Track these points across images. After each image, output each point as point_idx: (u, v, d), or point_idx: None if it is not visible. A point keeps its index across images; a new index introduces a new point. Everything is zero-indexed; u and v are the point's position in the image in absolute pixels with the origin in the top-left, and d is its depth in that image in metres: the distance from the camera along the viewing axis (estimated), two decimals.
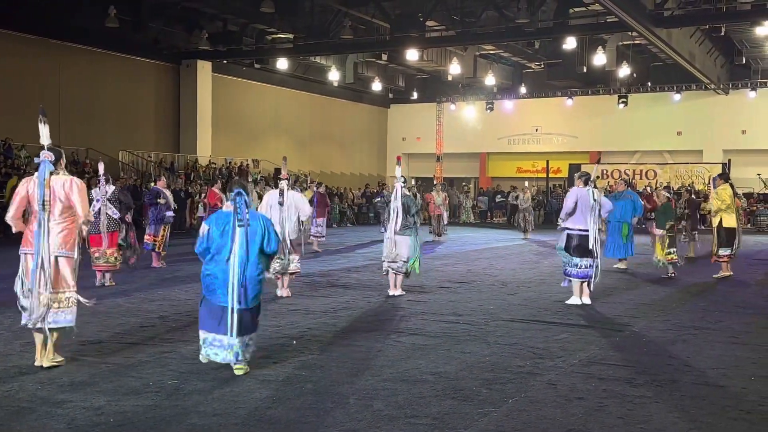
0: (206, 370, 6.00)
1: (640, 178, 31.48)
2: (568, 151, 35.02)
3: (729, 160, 29.89)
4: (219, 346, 5.91)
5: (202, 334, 6.02)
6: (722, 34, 25.17)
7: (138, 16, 23.91)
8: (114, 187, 11.02)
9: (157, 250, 13.09)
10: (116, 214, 10.77)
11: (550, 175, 33.65)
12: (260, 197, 12.25)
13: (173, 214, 13.70)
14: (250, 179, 19.77)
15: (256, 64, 29.68)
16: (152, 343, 7.03)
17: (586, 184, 9.53)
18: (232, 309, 5.84)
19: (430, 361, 6.45)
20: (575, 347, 7.06)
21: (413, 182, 20.06)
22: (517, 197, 23.46)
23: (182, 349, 6.75)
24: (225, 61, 28.59)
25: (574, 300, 9.51)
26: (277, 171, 28.73)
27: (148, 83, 27.12)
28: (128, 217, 11.12)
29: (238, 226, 5.91)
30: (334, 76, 30.12)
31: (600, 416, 5.01)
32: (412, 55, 26.30)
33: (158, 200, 13.02)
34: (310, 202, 17.54)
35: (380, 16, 24.08)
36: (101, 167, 11.15)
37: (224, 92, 29.42)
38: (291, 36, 26.78)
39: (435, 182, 24.99)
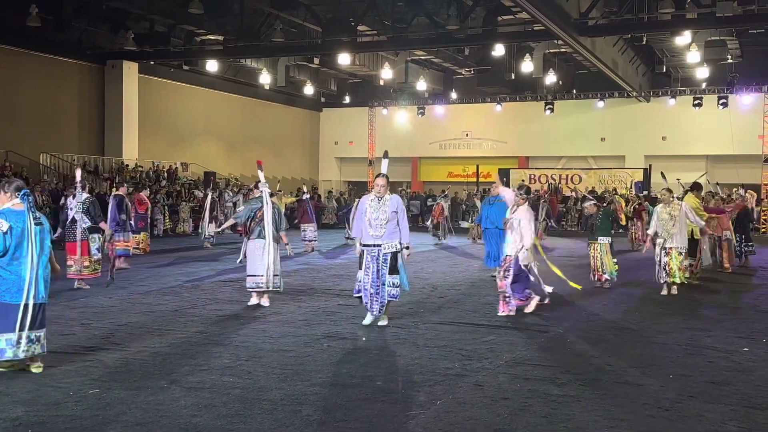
0: (129, 379, 5.86)
1: (566, 183, 32.29)
2: (497, 156, 35.61)
3: (650, 166, 30.88)
4: (14, 345, 5.92)
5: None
6: (644, 43, 26.07)
7: (61, 16, 23.14)
8: (87, 196, 11.05)
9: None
10: (86, 223, 10.82)
11: (480, 180, 34.13)
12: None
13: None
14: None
15: (184, 66, 29.14)
16: (73, 351, 6.82)
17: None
18: (33, 305, 6.00)
19: (359, 365, 6.46)
20: (502, 349, 7.19)
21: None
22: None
23: (104, 357, 6.58)
24: (152, 63, 27.98)
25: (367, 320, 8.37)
26: (207, 175, 28.46)
27: (72, 84, 26.30)
28: (103, 225, 11.22)
29: (35, 224, 6.07)
30: (265, 79, 29.84)
31: (525, 416, 5.11)
32: (343, 59, 26.31)
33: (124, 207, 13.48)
34: (293, 209, 18.57)
35: (312, 19, 24.01)
36: (78, 174, 11.21)
37: (151, 94, 28.78)
38: (220, 38, 26.44)
39: (444, 191, 25.56)
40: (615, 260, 11.70)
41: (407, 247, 8.33)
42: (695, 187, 13.09)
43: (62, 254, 10.73)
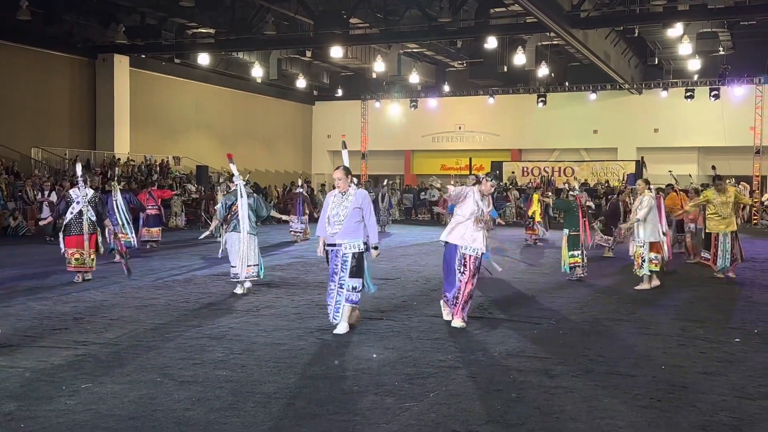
0: (122, 373, 5.85)
1: (559, 175, 32.37)
2: (490, 148, 35.65)
3: (642, 158, 31.01)
4: None
5: None
6: (636, 35, 26.08)
7: (51, 9, 23.02)
8: (93, 192, 11.27)
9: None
10: (93, 217, 11.00)
11: (473, 173, 34.15)
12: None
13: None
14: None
15: (176, 59, 29.04)
16: (66, 345, 6.80)
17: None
18: None
19: (352, 357, 6.46)
20: (495, 341, 7.20)
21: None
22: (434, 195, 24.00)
23: (97, 351, 6.57)
24: (143, 56, 27.85)
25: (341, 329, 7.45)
26: (199, 168, 28.39)
27: (62, 78, 26.15)
28: (108, 223, 11.78)
29: None
30: (257, 72, 29.75)
31: (518, 407, 5.12)
32: (336, 52, 26.24)
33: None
34: (286, 201, 19.08)
35: (303, 12, 23.93)
36: (79, 168, 11.37)
37: (143, 87, 28.64)
38: (212, 31, 26.32)
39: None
40: (575, 253, 11.45)
41: (376, 248, 7.62)
42: (714, 181, 13.12)
43: (51, 247, 10.73)
